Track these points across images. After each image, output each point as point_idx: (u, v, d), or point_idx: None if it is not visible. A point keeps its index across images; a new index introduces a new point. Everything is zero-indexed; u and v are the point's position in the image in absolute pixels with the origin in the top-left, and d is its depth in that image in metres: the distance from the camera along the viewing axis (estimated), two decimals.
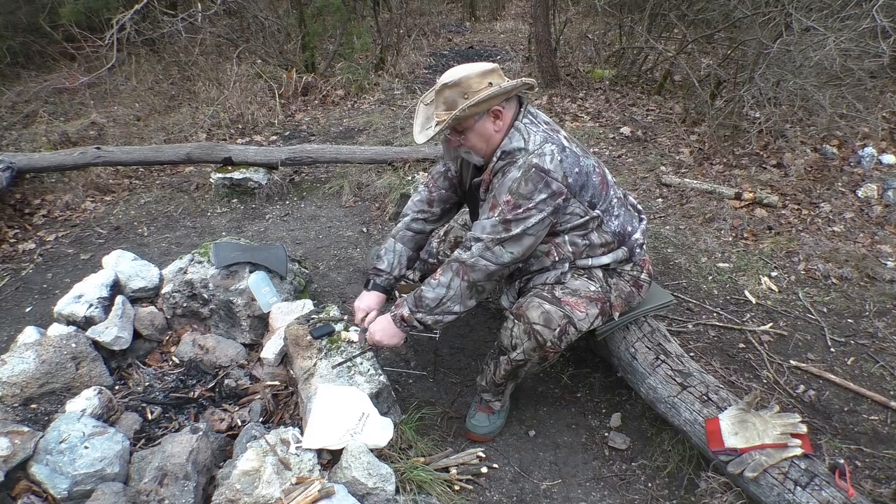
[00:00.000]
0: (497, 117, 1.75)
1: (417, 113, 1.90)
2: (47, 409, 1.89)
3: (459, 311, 1.81)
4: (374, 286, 2.08)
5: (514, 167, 1.71)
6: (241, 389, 2.11)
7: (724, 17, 4.51)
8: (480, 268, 1.75)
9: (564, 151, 1.73)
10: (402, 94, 5.49)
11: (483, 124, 1.75)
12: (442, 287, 1.78)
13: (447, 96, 1.73)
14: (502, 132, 1.77)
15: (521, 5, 9.66)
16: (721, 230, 3.25)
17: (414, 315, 1.82)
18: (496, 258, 1.74)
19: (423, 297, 1.80)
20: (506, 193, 1.70)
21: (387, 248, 2.11)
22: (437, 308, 1.80)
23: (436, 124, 1.76)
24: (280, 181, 3.76)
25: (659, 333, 2.04)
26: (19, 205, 3.64)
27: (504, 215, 1.70)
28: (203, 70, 5.51)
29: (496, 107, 1.73)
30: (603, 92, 5.27)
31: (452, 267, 1.78)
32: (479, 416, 2.05)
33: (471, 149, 1.81)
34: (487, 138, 1.77)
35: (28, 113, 5.18)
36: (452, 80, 1.71)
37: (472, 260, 1.75)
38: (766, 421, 1.66)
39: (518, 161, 1.71)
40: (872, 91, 4.14)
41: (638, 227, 1.97)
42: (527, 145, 1.72)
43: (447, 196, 2.10)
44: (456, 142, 1.81)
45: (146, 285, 2.34)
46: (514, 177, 1.69)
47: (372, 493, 1.55)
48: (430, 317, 1.81)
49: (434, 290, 1.79)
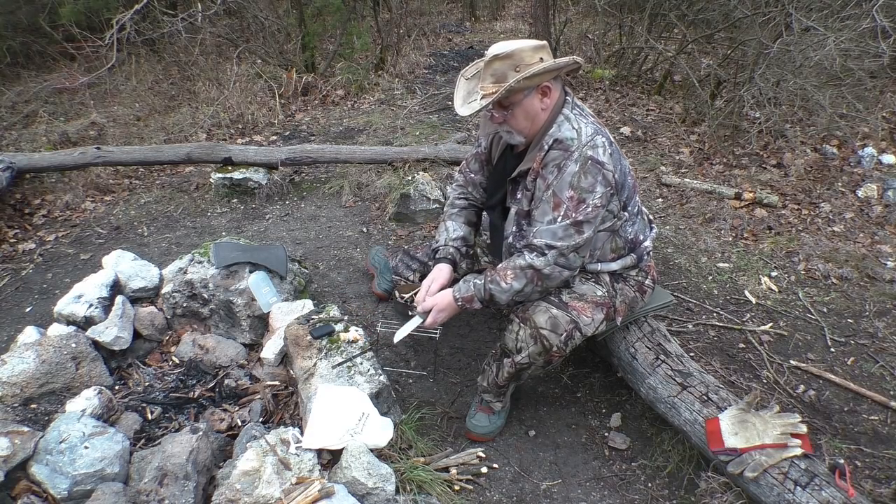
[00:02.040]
0: (545, 94, 1.72)
1: (458, 87, 1.85)
2: (47, 409, 1.89)
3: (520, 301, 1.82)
4: (437, 261, 2.07)
5: (570, 161, 1.67)
6: (241, 389, 2.11)
7: (724, 17, 4.51)
8: (556, 276, 1.73)
9: (613, 146, 1.73)
10: (402, 94, 5.48)
11: (531, 101, 1.71)
12: (514, 292, 1.76)
13: (497, 68, 1.66)
14: (548, 111, 1.74)
15: (521, 5, 9.66)
16: (721, 230, 3.25)
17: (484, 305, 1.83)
18: (570, 264, 1.73)
19: (495, 295, 1.78)
20: (567, 189, 1.66)
21: (438, 230, 2.14)
22: (505, 304, 1.81)
23: (481, 97, 1.70)
24: (280, 181, 3.76)
25: (659, 333, 2.04)
26: (19, 205, 3.64)
27: (573, 216, 1.67)
28: (203, 70, 5.50)
29: (546, 83, 1.70)
30: (603, 92, 5.27)
31: (527, 275, 1.73)
32: (480, 416, 2.05)
33: (513, 127, 1.76)
34: (533, 116, 1.73)
35: (28, 113, 5.17)
36: (505, 51, 1.65)
37: (548, 269, 1.71)
38: (766, 421, 1.66)
39: (573, 153, 1.67)
40: (872, 91, 4.14)
41: (649, 234, 1.96)
42: (580, 136, 1.68)
43: (479, 180, 2.09)
44: (500, 118, 1.75)
45: (146, 285, 2.34)
46: (573, 171, 1.66)
47: (372, 493, 1.55)
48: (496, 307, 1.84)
49: (506, 294, 1.76)
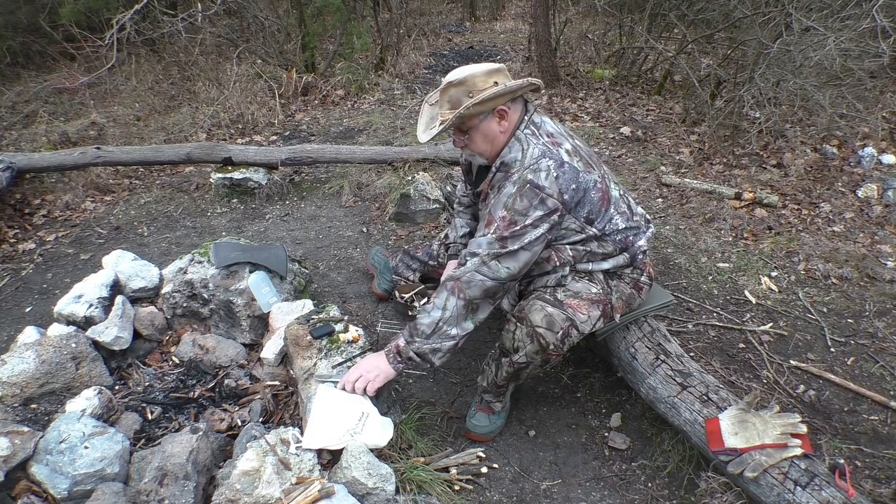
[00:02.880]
0: (502, 118, 1.73)
1: (422, 113, 1.89)
2: (47, 409, 1.89)
3: (456, 334, 1.73)
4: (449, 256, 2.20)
5: (509, 182, 1.69)
6: (241, 389, 2.11)
7: (724, 17, 4.51)
8: (476, 283, 1.70)
9: (562, 167, 1.69)
10: (402, 94, 5.49)
11: (488, 124, 1.73)
12: (437, 309, 1.71)
13: (452, 94, 1.71)
14: (507, 133, 1.76)
15: (521, 5, 9.66)
16: (721, 230, 3.25)
17: (410, 346, 1.72)
18: (493, 273, 1.70)
19: (419, 324, 1.73)
20: (501, 209, 1.68)
21: (450, 226, 2.22)
22: (433, 334, 1.71)
23: (440, 123, 1.75)
24: (280, 181, 3.76)
25: (659, 333, 2.04)
26: (19, 205, 3.64)
27: (500, 232, 1.68)
28: (203, 70, 5.50)
29: (501, 107, 1.72)
30: (603, 92, 5.27)
31: (447, 286, 1.72)
32: (480, 416, 2.05)
33: (473, 150, 1.80)
34: (492, 139, 1.76)
35: (28, 113, 5.17)
36: (457, 78, 1.70)
37: (467, 276, 1.70)
38: (766, 421, 1.66)
39: (513, 176, 1.69)
40: (872, 91, 4.15)
41: (643, 235, 1.93)
42: (523, 158, 1.69)
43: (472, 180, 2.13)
44: (460, 142, 1.80)
45: (146, 285, 2.34)
46: (510, 192, 1.68)
47: (372, 493, 1.55)
48: (427, 345, 1.72)
49: (429, 315, 1.72)
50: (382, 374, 1.75)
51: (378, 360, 1.78)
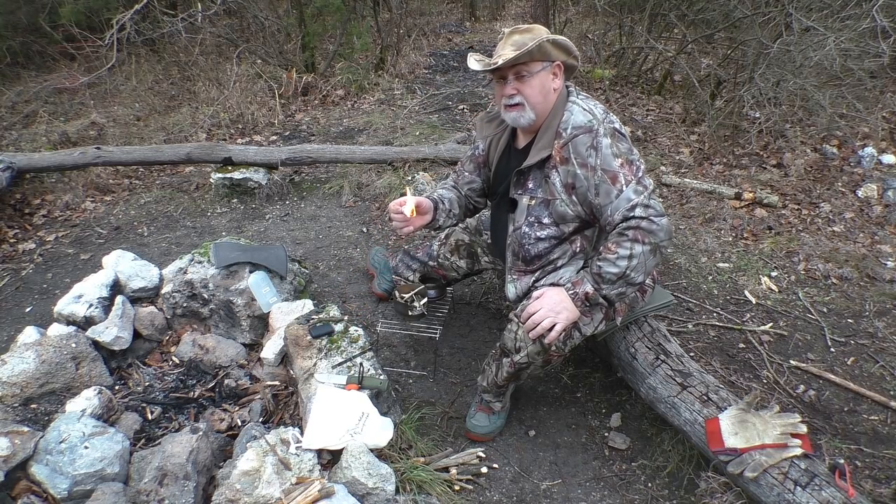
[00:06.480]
0: (556, 75, 1.76)
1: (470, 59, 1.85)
2: (47, 409, 1.89)
3: (642, 280, 1.72)
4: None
5: (600, 137, 1.69)
6: (241, 389, 2.11)
7: (724, 17, 4.51)
8: (656, 225, 1.65)
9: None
10: (402, 94, 5.49)
11: (546, 75, 1.74)
12: (623, 259, 1.67)
13: (517, 39, 1.70)
14: (557, 94, 1.77)
15: (521, 5, 9.66)
16: (721, 230, 3.25)
17: (599, 292, 1.71)
18: (658, 209, 1.68)
19: (605, 272, 1.69)
20: (613, 160, 1.67)
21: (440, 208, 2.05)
22: (619, 279, 1.69)
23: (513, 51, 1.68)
24: (280, 181, 3.76)
25: (659, 333, 2.04)
26: (19, 205, 3.64)
27: (631, 177, 1.67)
28: (203, 70, 5.51)
29: (559, 62, 1.74)
30: (603, 92, 5.27)
31: (628, 235, 1.66)
32: (480, 416, 2.05)
33: (528, 97, 1.74)
34: (546, 94, 1.75)
35: (28, 113, 5.17)
36: (525, 26, 1.72)
37: (644, 223, 1.65)
38: (766, 421, 1.66)
39: (599, 130, 1.69)
40: (872, 91, 4.15)
41: None
42: (595, 116, 1.72)
43: (471, 179, 2.11)
44: (513, 88, 1.74)
45: (146, 285, 2.34)
46: (608, 143, 1.68)
47: (372, 493, 1.55)
48: (614, 290, 1.72)
49: (615, 265, 1.67)
50: (571, 316, 1.73)
51: (563, 298, 1.74)
